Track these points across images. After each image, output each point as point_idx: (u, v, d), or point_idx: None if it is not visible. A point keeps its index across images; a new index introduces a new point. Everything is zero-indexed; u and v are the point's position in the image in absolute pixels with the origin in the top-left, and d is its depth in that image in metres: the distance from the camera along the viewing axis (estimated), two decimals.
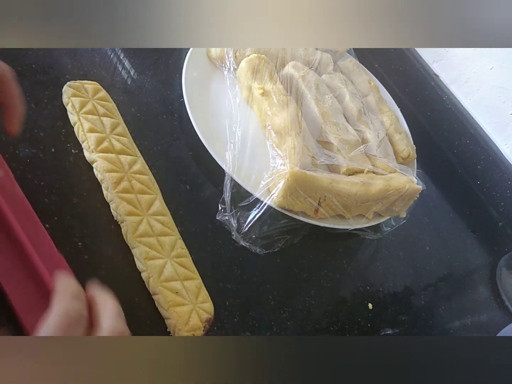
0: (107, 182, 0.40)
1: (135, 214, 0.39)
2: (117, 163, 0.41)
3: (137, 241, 0.38)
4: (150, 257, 0.37)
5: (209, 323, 0.37)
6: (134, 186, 0.40)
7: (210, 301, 0.39)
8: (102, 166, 0.40)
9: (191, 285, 0.38)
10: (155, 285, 0.36)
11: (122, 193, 0.39)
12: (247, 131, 0.53)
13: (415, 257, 0.60)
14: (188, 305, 0.36)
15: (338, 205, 0.50)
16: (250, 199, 0.46)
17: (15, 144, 0.40)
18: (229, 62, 0.57)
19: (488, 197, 0.76)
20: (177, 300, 0.36)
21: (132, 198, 0.40)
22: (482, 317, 0.60)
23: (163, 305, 0.36)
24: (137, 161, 0.43)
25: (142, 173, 0.42)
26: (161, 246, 0.39)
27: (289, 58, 0.61)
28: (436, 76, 0.80)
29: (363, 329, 0.48)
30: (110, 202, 0.40)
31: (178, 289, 0.37)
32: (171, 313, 0.36)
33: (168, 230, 0.40)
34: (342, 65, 0.70)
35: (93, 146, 0.41)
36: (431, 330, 0.54)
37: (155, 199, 0.41)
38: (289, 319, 0.44)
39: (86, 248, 0.38)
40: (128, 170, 0.41)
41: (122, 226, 0.39)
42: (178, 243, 0.40)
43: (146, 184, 0.42)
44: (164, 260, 0.38)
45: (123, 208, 0.39)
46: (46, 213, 0.37)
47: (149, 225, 0.39)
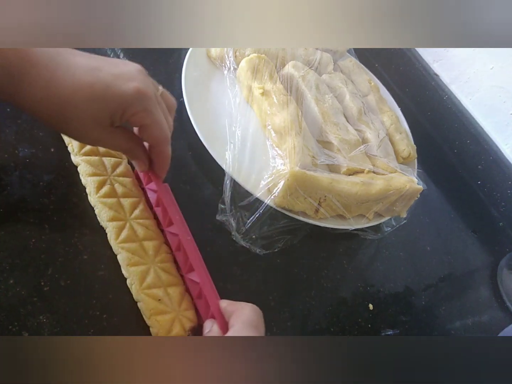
0: (90, 187, 0.39)
1: (118, 219, 0.38)
2: (100, 166, 0.40)
3: (119, 247, 0.37)
4: (133, 263, 0.36)
5: (192, 331, 0.36)
6: (117, 190, 0.40)
7: (193, 309, 0.37)
8: (85, 170, 0.39)
9: (175, 291, 0.37)
10: (137, 293, 0.35)
11: (104, 198, 0.38)
12: (247, 131, 0.53)
13: (416, 257, 0.60)
14: (171, 313, 0.35)
15: (338, 205, 0.50)
16: (250, 199, 0.46)
17: (15, 144, 0.40)
18: (229, 62, 0.57)
19: (489, 197, 0.76)
20: (159, 308, 0.35)
21: (115, 203, 0.39)
22: (483, 318, 0.60)
23: (145, 313, 0.35)
24: (121, 163, 0.42)
25: (125, 176, 0.41)
26: (144, 251, 0.38)
27: (289, 58, 0.61)
28: (436, 76, 0.80)
29: (363, 329, 0.48)
30: (94, 207, 0.39)
31: (161, 296, 0.36)
32: (153, 322, 0.35)
33: (152, 234, 0.39)
34: (342, 65, 0.70)
35: (77, 148, 0.41)
36: (431, 331, 0.54)
37: (138, 202, 0.40)
38: (289, 319, 0.44)
39: (85, 248, 0.38)
40: (111, 173, 0.40)
41: (106, 231, 0.38)
42: (163, 248, 0.39)
43: (129, 187, 0.41)
44: (147, 266, 0.37)
45: (105, 214, 0.38)
46: (46, 213, 0.37)
47: (132, 229, 0.38)
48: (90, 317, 0.35)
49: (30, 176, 0.39)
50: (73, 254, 0.37)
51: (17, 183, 0.38)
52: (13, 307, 0.32)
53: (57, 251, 0.36)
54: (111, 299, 0.36)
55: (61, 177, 0.40)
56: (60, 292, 0.34)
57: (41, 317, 0.33)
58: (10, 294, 0.33)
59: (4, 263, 0.34)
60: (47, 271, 0.35)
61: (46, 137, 0.42)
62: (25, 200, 0.37)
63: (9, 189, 0.37)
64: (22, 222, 0.36)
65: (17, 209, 0.36)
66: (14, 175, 0.38)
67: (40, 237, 0.36)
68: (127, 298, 0.37)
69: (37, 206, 0.37)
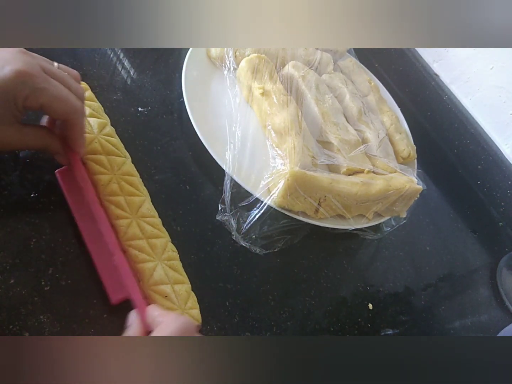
0: (95, 185, 0.39)
1: (124, 217, 0.38)
2: (105, 165, 0.40)
3: (126, 245, 0.37)
4: (140, 260, 0.37)
5: (197, 330, 0.37)
6: (123, 188, 0.40)
7: (198, 308, 0.38)
8: (90, 168, 0.39)
9: (181, 289, 0.37)
10: (145, 289, 0.36)
11: (111, 196, 0.39)
12: (247, 131, 0.53)
13: (415, 257, 0.60)
14: (177, 311, 0.36)
15: (338, 205, 0.50)
16: (250, 199, 0.46)
17: None
18: (229, 62, 0.57)
19: (489, 197, 0.76)
20: (166, 304, 0.35)
21: (121, 201, 0.39)
22: (483, 317, 0.60)
23: None
24: (125, 162, 0.42)
25: (130, 175, 0.41)
26: (151, 248, 0.38)
27: (289, 58, 0.61)
28: (436, 76, 0.80)
29: (363, 329, 0.48)
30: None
31: (168, 293, 0.36)
32: None
33: (158, 232, 0.39)
34: (342, 65, 0.70)
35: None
36: (431, 330, 0.54)
37: (144, 201, 0.40)
38: (289, 319, 0.44)
39: (86, 248, 0.38)
40: (117, 172, 0.41)
41: (112, 230, 0.38)
42: (169, 246, 0.39)
43: (135, 185, 0.41)
44: (155, 263, 0.37)
45: (111, 212, 0.38)
46: (46, 213, 0.37)
47: (138, 227, 0.38)
48: (90, 317, 0.35)
49: (30, 176, 0.39)
50: (74, 254, 0.37)
51: (17, 183, 0.38)
52: (14, 307, 0.32)
53: (58, 251, 0.36)
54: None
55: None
56: (61, 292, 0.34)
57: (41, 316, 0.33)
58: (10, 294, 0.33)
59: (4, 263, 0.34)
60: (48, 271, 0.35)
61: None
62: (25, 200, 0.37)
63: (9, 189, 0.37)
64: (22, 222, 0.36)
65: (17, 209, 0.36)
66: (14, 175, 0.38)
67: (41, 237, 0.36)
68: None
69: (37, 206, 0.37)
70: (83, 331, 0.34)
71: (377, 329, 0.50)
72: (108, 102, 0.48)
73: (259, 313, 0.43)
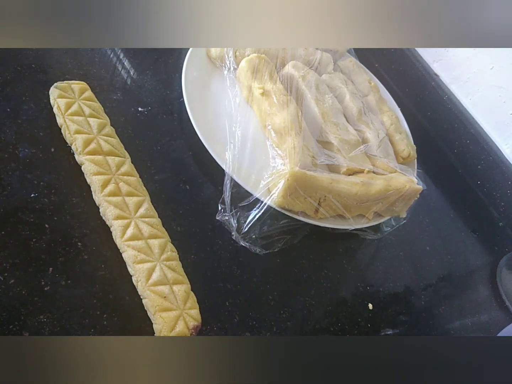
0: (94, 186, 0.39)
1: (123, 217, 0.38)
2: (105, 165, 0.40)
3: (125, 245, 0.37)
4: (139, 261, 0.37)
5: (196, 330, 0.36)
6: (122, 188, 0.40)
7: (197, 308, 0.38)
8: (89, 169, 0.40)
9: (180, 289, 0.37)
10: (143, 289, 0.36)
11: (109, 197, 0.39)
12: (247, 131, 0.53)
13: (415, 257, 0.60)
14: (176, 311, 0.36)
15: (338, 205, 0.50)
16: (250, 199, 0.46)
17: (15, 144, 0.40)
18: (229, 62, 0.57)
19: (489, 197, 0.76)
20: (164, 305, 0.35)
21: (120, 201, 0.39)
22: (483, 317, 0.60)
23: (150, 309, 0.35)
24: (125, 162, 0.42)
25: (130, 175, 0.41)
26: (150, 249, 0.38)
27: (289, 58, 0.61)
28: (436, 76, 0.80)
29: (363, 329, 0.48)
30: (99, 206, 0.39)
31: (166, 294, 0.36)
32: (157, 318, 0.35)
33: (158, 232, 0.39)
34: (342, 65, 0.70)
35: (80, 148, 0.41)
36: (431, 330, 0.54)
37: (143, 201, 0.40)
38: (289, 319, 0.44)
39: (86, 247, 0.38)
40: (116, 172, 0.41)
41: (111, 230, 0.38)
42: (168, 246, 0.39)
43: (134, 186, 0.41)
44: (154, 264, 0.37)
45: (110, 213, 0.38)
46: (46, 213, 0.37)
47: (137, 228, 0.38)
48: (90, 317, 0.35)
49: (30, 176, 0.39)
50: (74, 254, 0.37)
51: (17, 183, 0.38)
52: (14, 307, 0.32)
53: (58, 251, 0.36)
54: (112, 299, 0.36)
55: (61, 177, 0.40)
56: (61, 292, 0.35)
57: (41, 316, 0.33)
58: (10, 294, 0.33)
59: (4, 263, 0.34)
60: (48, 271, 0.35)
61: (46, 137, 0.42)
62: (25, 200, 0.37)
63: (9, 189, 0.37)
64: (22, 222, 0.36)
65: (17, 209, 0.37)
66: (14, 175, 0.38)
67: (41, 237, 0.36)
68: (127, 298, 0.37)
69: (37, 206, 0.37)
70: (83, 331, 0.34)
71: (377, 329, 0.50)
72: (108, 102, 0.48)
73: (259, 313, 0.43)
